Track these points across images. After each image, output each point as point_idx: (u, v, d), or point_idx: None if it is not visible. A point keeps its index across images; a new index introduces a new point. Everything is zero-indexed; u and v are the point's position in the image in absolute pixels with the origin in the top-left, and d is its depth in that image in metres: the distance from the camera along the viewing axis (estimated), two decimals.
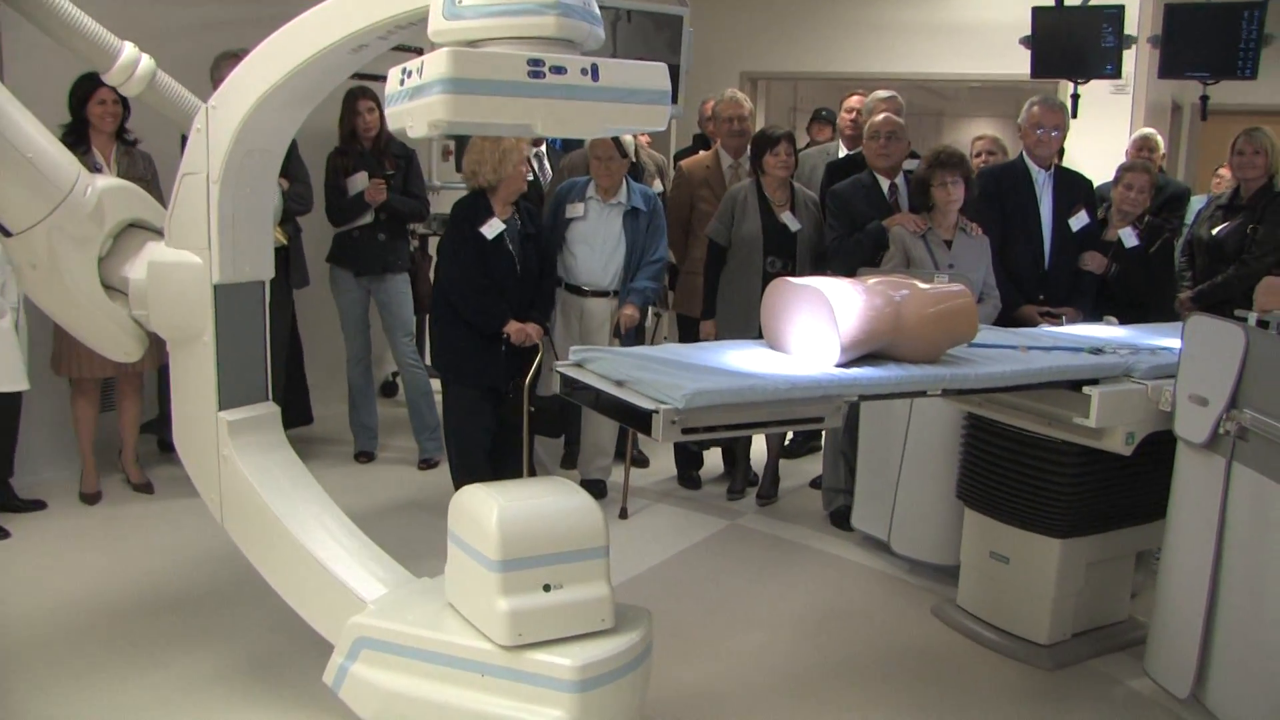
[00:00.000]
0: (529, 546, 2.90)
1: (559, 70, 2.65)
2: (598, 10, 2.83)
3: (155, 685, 3.50)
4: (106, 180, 3.47)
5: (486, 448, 5.00)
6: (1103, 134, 7.51)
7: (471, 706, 2.92)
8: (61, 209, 3.26)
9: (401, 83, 2.73)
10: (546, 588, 2.91)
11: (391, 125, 2.82)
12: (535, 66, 2.62)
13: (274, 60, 3.13)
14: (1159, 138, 6.17)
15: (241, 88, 3.20)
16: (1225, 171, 6.82)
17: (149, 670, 3.59)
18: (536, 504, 3.00)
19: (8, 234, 3.29)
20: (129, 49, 3.31)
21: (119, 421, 5.25)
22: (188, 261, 3.32)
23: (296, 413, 5.60)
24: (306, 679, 3.44)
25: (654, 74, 2.84)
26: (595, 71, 2.70)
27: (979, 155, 5.84)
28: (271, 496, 3.36)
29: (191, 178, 3.30)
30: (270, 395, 3.60)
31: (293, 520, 3.35)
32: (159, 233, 3.46)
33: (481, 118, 2.63)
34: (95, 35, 3.26)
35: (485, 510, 2.93)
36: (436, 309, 5.10)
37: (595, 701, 2.87)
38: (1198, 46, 5.84)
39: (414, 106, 2.67)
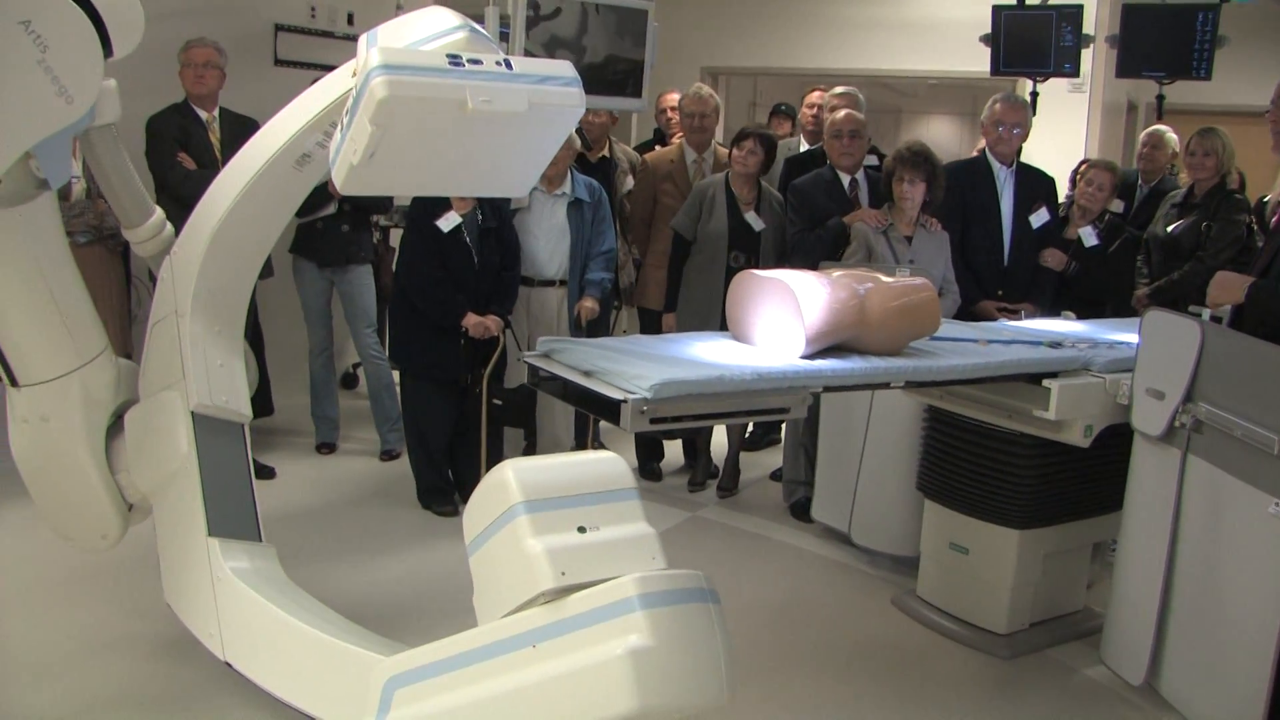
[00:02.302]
0: (552, 488, 2.59)
1: (476, 62, 2.78)
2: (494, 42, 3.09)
3: (138, 673, 3.49)
4: (126, 362, 3.55)
5: (446, 439, 5.02)
6: (1060, 132, 7.61)
7: (532, 681, 2.48)
8: (84, 370, 3.29)
9: (341, 129, 2.78)
10: (581, 529, 2.56)
11: (338, 177, 2.81)
12: (454, 59, 2.76)
13: (225, 190, 3.25)
14: (1170, 135, 6.04)
15: (198, 226, 3.33)
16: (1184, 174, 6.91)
17: (134, 664, 3.57)
18: (551, 460, 2.90)
19: (15, 383, 3.28)
20: (158, 213, 3.45)
21: None
22: (163, 397, 3.35)
23: (257, 404, 5.54)
24: None
25: (560, 65, 2.98)
26: (508, 64, 2.84)
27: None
28: (274, 600, 3.20)
29: (162, 324, 3.39)
30: (261, 537, 3.47)
31: (301, 616, 3.16)
32: None
33: (415, 93, 2.66)
34: (139, 194, 3.41)
35: (496, 475, 2.62)
36: (395, 302, 5.11)
37: (671, 620, 2.43)
38: (1154, 47, 5.93)
39: (355, 121, 2.70)
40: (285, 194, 3.38)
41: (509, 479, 2.57)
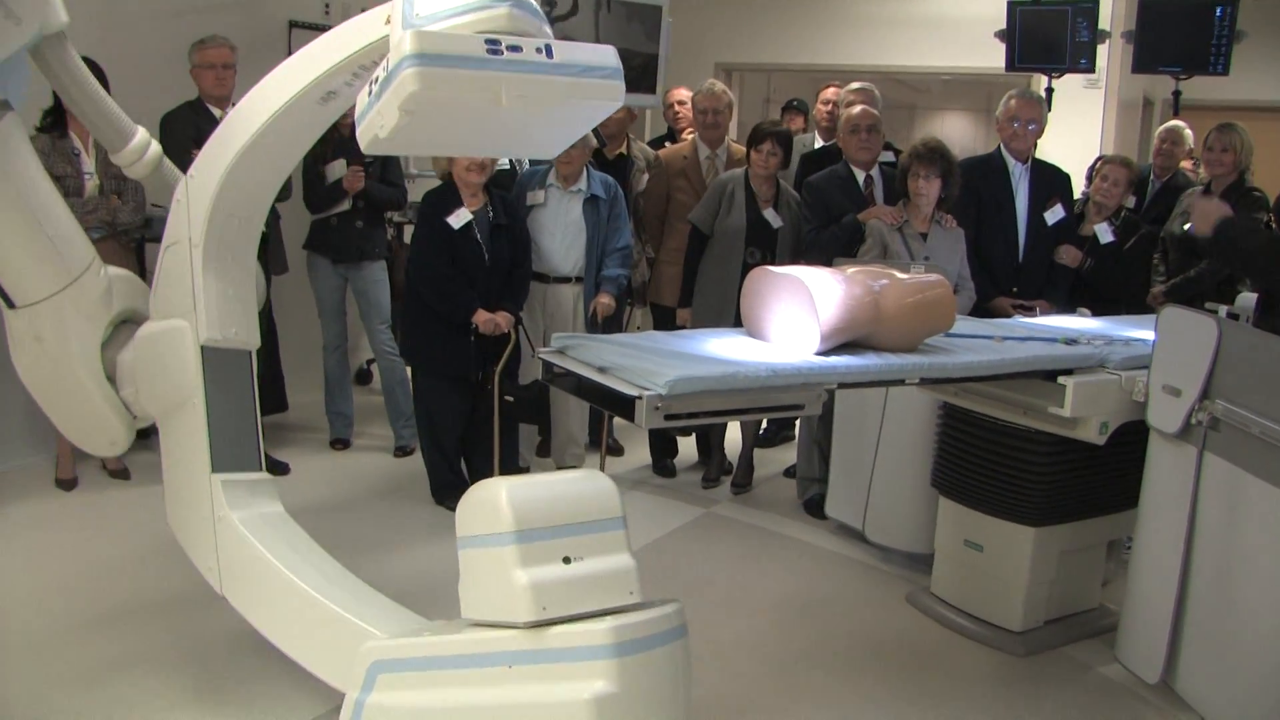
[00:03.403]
0: (543, 517, 2.73)
1: (515, 49, 2.69)
2: (541, 10, 2.90)
3: (133, 673, 3.49)
4: (116, 270, 3.49)
5: (458, 435, 5.03)
6: (1075, 128, 7.58)
7: (503, 700, 2.68)
8: (75, 286, 3.27)
9: (370, 93, 2.74)
10: (566, 560, 2.72)
11: (363, 140, 2.80)
12: (493, 45, 2.67)
13: (245, 121, 3.15)
14: (1187, 131, 6.09)
15: (217, 152, 3.23)
16: (1187, 164, 6.89)
17: (126, 660, 3.57)
18: (545, 481, 2.94)
19: (11, 305, 3.29)
20: (141, 133, 3.36)
21: None
22: (174, 326, 3.31)
23: (271, 400, 5.58)
24: (288, 668, 3.45)
25: (604, 53, 2.88)
26: (549, 50, 2.74)
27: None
28: (271, 549, 3.25)
29: (174, 248, 3.32)
30: (263, 466, 3.53)
31: (297, 570, 3.22)
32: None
33: (448, 89, 2.64)
34: (114, 114, 3.31)
35: (492, 492, 2.77)
36: (407, 298, 5.12)
37: (637, 668, 2.63)
38: (1171, 42, 5.90)
39: (382, 101, 2.67)
40: (307, 127, 3.33)
41: (503, 503, 2.70)
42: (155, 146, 3.39)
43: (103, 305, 3.36)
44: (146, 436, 5.61)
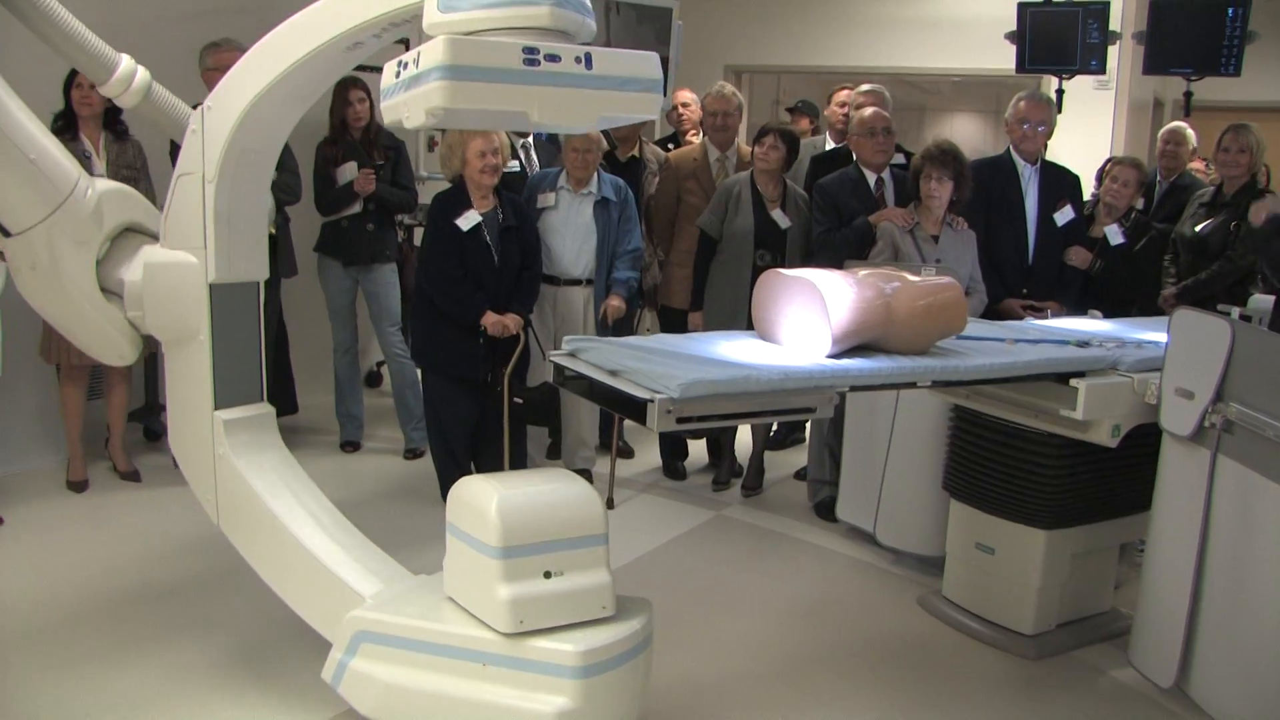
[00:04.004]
0: (529, 533, 2.88)
1: (553, 58, 2.64)
2: (589, 2, 2.83)
3: (143, 674, 3.50)
4: (106, 183, 3.45)
5: (468, 437, 5.03)
6: (1085, 130, 7.57)
7: (473, 696, 2.89)
8: (62, 210, 3.24)
9: (397, 75, 2.73)
10: (547, 574, 2.89)
11: (387, 118, 2.81)
12: (530, 54, 2.62)
13: (269, 60, 3.10)
14: (1189, 131, 6.13)
15: (236, 88, 3.18)
16: (1198, 164, 6.89)
17: (137, 660, 3.58)
18: (535, 491, 3.00)
19: (7, 234, 3.28)
20: (126, 61, 3.30)
21: (107, 409, 5.23)
22: (183, 261, 3.32)
23: (282, 402, 5.55)
24: (296, 668, 3.46)
25: (646, 63, 2.83)
26: (589, 60, 2.70)
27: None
28: (268, 494, 3.34)
29: (187, 178, 3.30)
30: (265, 396, 3.59)
31: (289, 518, 3.32)
32: (154, 236, 3.46)
33: (477, 104, 2.63)
34: (92, 46, 3.24)
35: (484, 499, 2.91)
36: (416, 300, 5.12)
37: (598, 688, 2.85)
38: (1182, 43, 5.87)
39: (410, 96, 2.67)
40: (329, 72, 3.32)
41: (492, 516, 2.85)
42: (143, 74, 3.32)
43: (93, 225, 3.32)
44: (157, 439, 5.65)
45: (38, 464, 5.23)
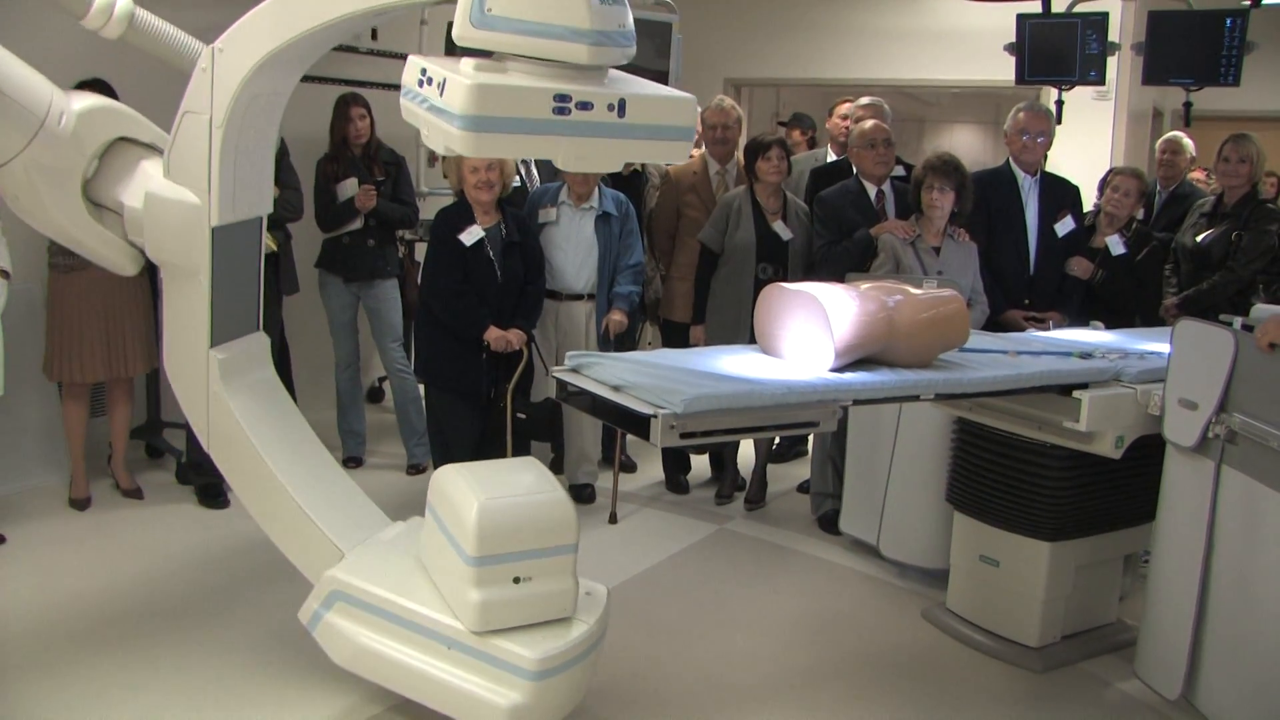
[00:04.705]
0: (505, 544, 3.00)
1: (585, 106, 2.58)
2: (632, 25, 2.75)
3: (152, 695, 3.49)
4: (81, 101, 3.31)
5: (471, 452, 5.01)
6: (1085, 140, 7.57)
7: (435, 675, 3.08)
8: (37, 141, 3.15)
9: (419, 84, 2.67)
10: (516, 580, 3.02)
11: (405, 118, 2.76)
12: (561, 102, 2.55)
13: (293, 15, 3.00)
14: (1186, 140, 6.13)
15: (254, 37, 3.07)
16: (1199, 174, 6.89)
17: (146, 679, 3.57)
18: (513, 501, 3.06)
19: None
20: None
21: (110, 426, 5.22)
22: (186, 200, 3.25)
23: None
24: (300, 686, 3.46)
25: (682, 109, 2.78)
26: (622, 107, 2.63)
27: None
28: (258, 440, 3.40)
29: (193, 116, 3.20)
30: (261, 325, 3.64)
31: (277, 463, 3.39)
32: (149, 147, 3.39)
33: (500, 153, 2.63)
34: None
35: (465, 504, 3.01)
36: (420, 315, 5.12)
37: (550, 688, 3.03)
38: (1181, 53, 5.87)
39: (431, 123, 2.62)
40: (349, 30, 3.29)
41: (471, 526, 2.97)
42: (124, 2, 3.21)
43: (73, 151, 3.25)
44: (159, 455, 5.65)
45: (40, 482, 5.21)
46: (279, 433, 3.50)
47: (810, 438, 5.78)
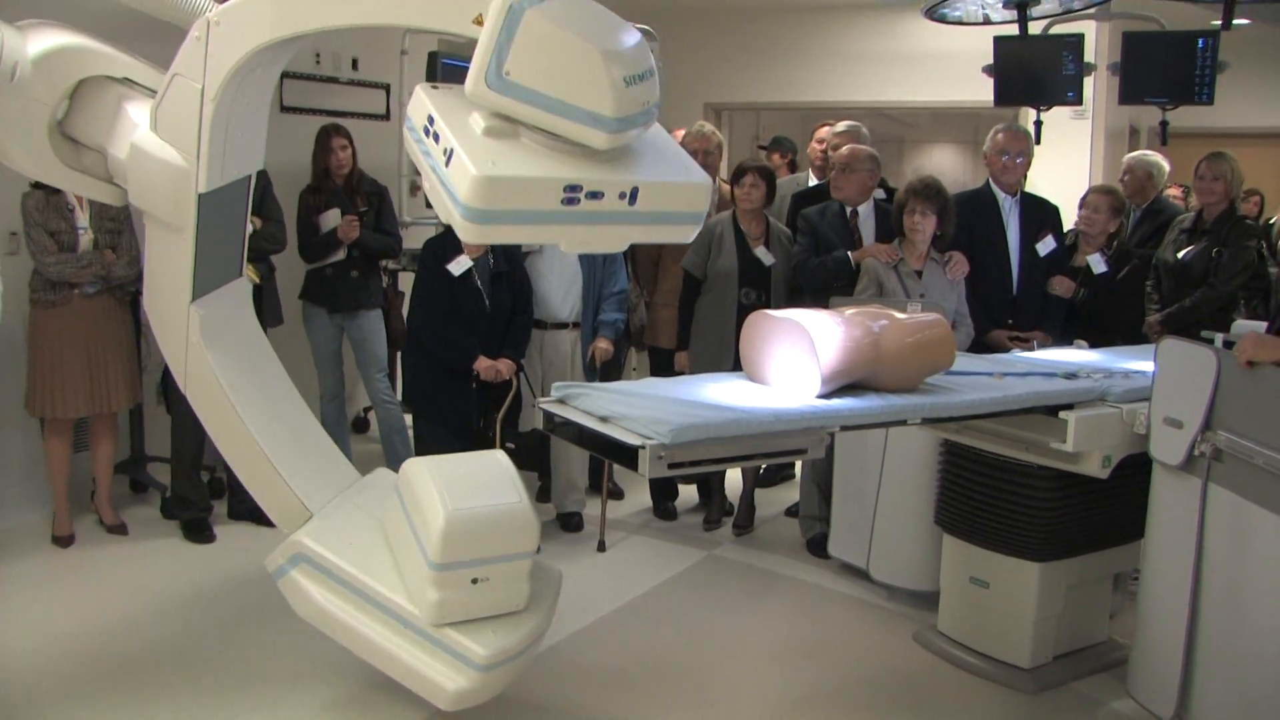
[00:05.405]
0: (467, 552, 3.09)
1: (596, 195, 2.48)
2: (658, 95, 2.57)
3: None
4: (38, 44, 3.18)
5: None
6: (1064, 160, 7.62)
7: (388, 648, 3.20)
8: None
9: (425, 132, 2.55)
10: (474, 580, 3.13)
11: (407, 147, 2.68)
12: (571, 192, 2.45)
13: (298, 14, 2.89)
14: (1149, 157, 6.16)
15: (253, 23, 2.96)
16: (1175, 191, 6.93)
17: (128, 717, 3.54)
18: (478, 513, 3.11)
19: None
20: None
21: (93, 462, 5.17)
22: (174, 163, 3.17)
23: None
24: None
25: (696, 195, 2.69)
26: (634, 195, 2.53)
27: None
28: (234, 393, 3.41)
29: (184, 81, 3.09)
30: (243, 270, 3.64)
31: (252, 418, 3.42)
32: (126, 82, 3.30)
33: (503, 240, 2.61)
34: None
35: (433, 511, 3.07)
36: (408, 345, 5.10)
37: (494, 677, 3.18)
38: (1156, 73, 5.93)
39: (436, 190, 2.52)
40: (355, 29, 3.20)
41: (437, 534, 3.04)
42: None
43: (30, 99, 3.15)
44: (144, 490, 5.61)
45: (22, 519, 5.15)
46: (255, 387, 3.53)
47: (798, 462, 5.78)
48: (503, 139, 2.48)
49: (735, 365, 3.60)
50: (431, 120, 2.53)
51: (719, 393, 3.20)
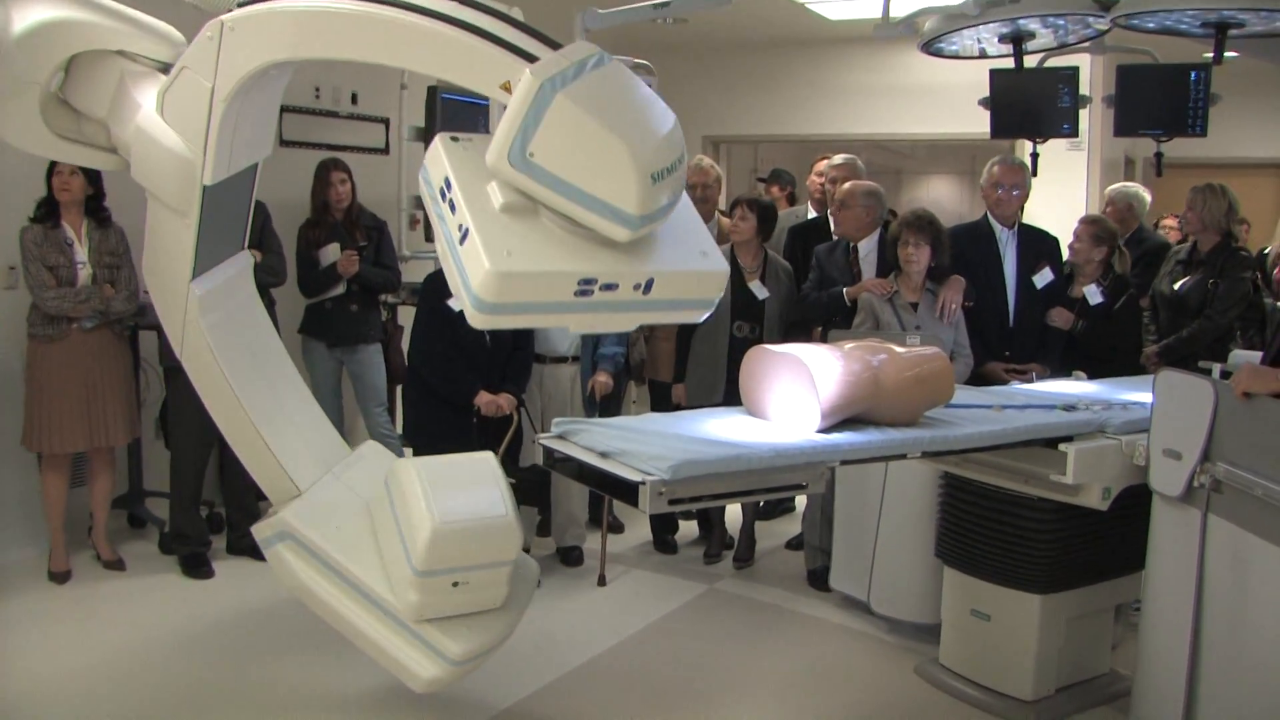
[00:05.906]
0: (450, 560, 3.17)
1: (610, 287, 2.42)
2: (683, 185, 2.54)
3: None
4: (23, 20, 3.07)
5: None
6: (1060, 191, 7.65)
7: (366, 631, 3.32)
8: None
9: (441, 195, 2.48)
10: (455, 584, 3.22)
11: (421, 193, 2.64)
12: (585, 285, 2.38)
13: (317, 39, 2.79)
14: (1129, 188, 6.24)
15: (270, 37, 2.86)
16: (1170, 221, 6.98)
17: None
18: (464, 526, 3.18)
19: None
20: None
21: (90, 497, 5.16)
22: (180, 153, 3.10)
23: None
24: None
25: (710, 283, 2.60)
26: (649, 285, 2.45)
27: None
28: (229, 368, 3.45)
29: (193, 76, 3.01)
30: (246, 245, 3.67)
31: (246, 394, 3.46)
32: (123, 54, 3.22)
33: (513, 326, 2.66)
34: None
35: (420, 521, 3.13)
36: (408, 380, 5.11)
37: (465, 669, 3.35)
38: (1150, 106, 5.95)
39: (449, 268, 2.49)
40: None
41: (423, 544, 3.11)
42: None
43: (16, 79, 3.10)
44: (141, 525, 5.60)
45: (18, 555, 5.13)
46: (251, 361, 3.57)
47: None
48: (521, 218, 2.41)
49: (727, 397, 3.61)
50: (448, 185, 2.45)
51: (719, 428, 3.21)
